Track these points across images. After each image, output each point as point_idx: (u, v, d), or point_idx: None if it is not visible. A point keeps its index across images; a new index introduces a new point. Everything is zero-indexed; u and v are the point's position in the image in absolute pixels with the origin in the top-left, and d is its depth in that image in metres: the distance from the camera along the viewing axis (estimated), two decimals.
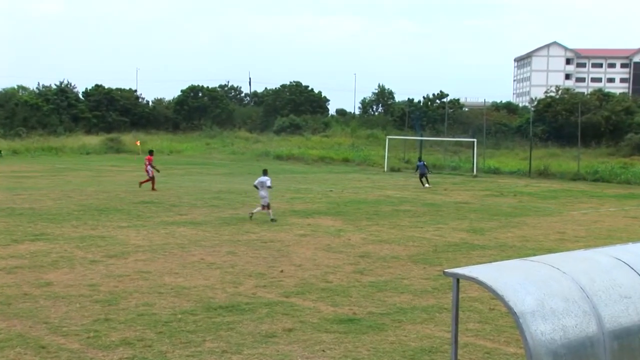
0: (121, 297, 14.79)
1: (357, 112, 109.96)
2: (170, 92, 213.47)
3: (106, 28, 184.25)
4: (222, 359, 11.23)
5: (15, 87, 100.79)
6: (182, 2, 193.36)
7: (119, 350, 11.45)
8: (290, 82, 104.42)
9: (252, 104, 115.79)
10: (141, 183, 36.82)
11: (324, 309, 14.22)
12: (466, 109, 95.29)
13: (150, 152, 40.79)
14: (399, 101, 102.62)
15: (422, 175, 41.93)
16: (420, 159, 45.35)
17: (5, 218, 25.32)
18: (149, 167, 37.18)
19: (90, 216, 26.19)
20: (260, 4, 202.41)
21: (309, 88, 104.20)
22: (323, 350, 11.72)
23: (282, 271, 17.57)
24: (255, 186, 26.65)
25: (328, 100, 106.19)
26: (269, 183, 26.49)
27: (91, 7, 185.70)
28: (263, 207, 26.13)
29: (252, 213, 26.13)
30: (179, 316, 13.42)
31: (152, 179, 36.69)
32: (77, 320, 13.06)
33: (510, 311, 6.63)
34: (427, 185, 41.22)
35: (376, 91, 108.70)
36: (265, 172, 27.22)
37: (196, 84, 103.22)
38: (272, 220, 25.59)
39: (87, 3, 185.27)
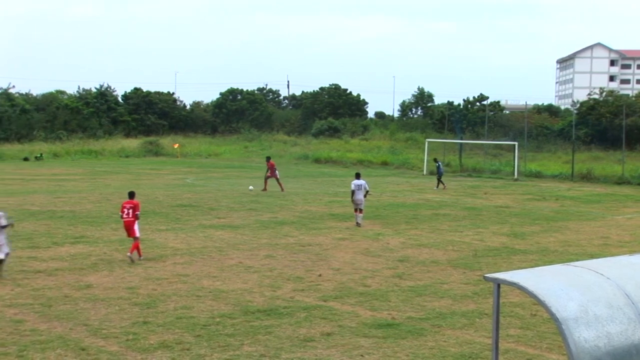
0: (160, 300, 14.91)
1: (396, 115, 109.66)
2: (208, 95, 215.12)
3: (145, 31, 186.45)
4: None
5: (54, 91, 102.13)
6: (221, 5, 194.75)
7: (158, 353, 11.54)
8: (329, 85, 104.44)
9: (290, 107, 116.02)
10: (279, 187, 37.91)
11: (363, 313, 14.20)
12: (507, 112, 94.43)
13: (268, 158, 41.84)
14: (438, 104, 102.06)
15: (440, 176, 42.60)
16: (436, 160, 45.71)
17: (47, 220, 25.69)
18: (276, 171, 38.75)
19: None
20: (299, 5, 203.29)
21: (348, 91, 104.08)
22: (362, 355, 11.70)
23: (320, 275, 17.58)
24: (353, 191, 26.31)
25: (367, 103, 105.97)
26: (367, 186, 26.44)
27: (129, 10, 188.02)
28: (360, 210, 25.98)
29: (358, 223, 25.82)
30: (217, 319, 13.49)
31: (276, 180, 38.24)
32: (116, 322, 13.20)
33: (553, 317, 6.55)
34: (440, 187, 41.69)
35: (415, 94, 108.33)
36: (358, 176, 27.02)
37: (235, 87, 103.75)
38: (357, 224, 25.53)
39: (125, 6, 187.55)
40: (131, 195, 20.33)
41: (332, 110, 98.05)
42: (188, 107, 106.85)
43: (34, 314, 13.74)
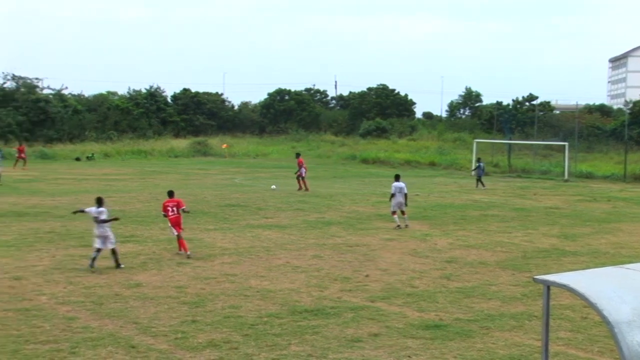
0: (208, 299, 15.04)
1: (444, 115, 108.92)
2: (256, 95, 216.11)
3: (194, 32, 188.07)
4: None
5: (105, 92, 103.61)
6: (269, 5, 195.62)
7: (206, 352, 11.64)
8: (377, 85, 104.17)
9: (338, 107, 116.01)
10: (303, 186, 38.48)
11: (410, 314, 14.14)
12: (557, 112, 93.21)
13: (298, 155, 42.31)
14: (487, 104, 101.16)
15: (480, 177, 42.47)
16: (479, 160, 45.36)
17: None
18: (302, 169, 39.19)
19: None
20: (346, 5, 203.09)
21: (395, 91, 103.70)
22: (409, 357, 11.66)
23: (367, 275, 17.55)
24: (393, 194, 26.06)
25: (414, 104, 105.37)
26: (406, 190, 26.34)
27: (179, 12, 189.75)
28: (397, 212, 25.86)
29: (407, 225, 25.58)
30: (265, 319, 13.55)
31: (301, 179, 38.84)
32: (165, 321, 13.34)
33: (605, 320, 6.44)
34: (480, 187, 41.60)
35: (463, 94, 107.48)
36: (398, 178, 26.77)
37: (283, 88, 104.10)
38: (398, 226, 25.43)
39: (173, 8, 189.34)
40: (171, 194, 20.99)
41: (380, 111, 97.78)
42: (236, 107, 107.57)
43: (86, 311, 13.96)
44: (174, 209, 20.19)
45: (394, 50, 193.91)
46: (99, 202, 18.94)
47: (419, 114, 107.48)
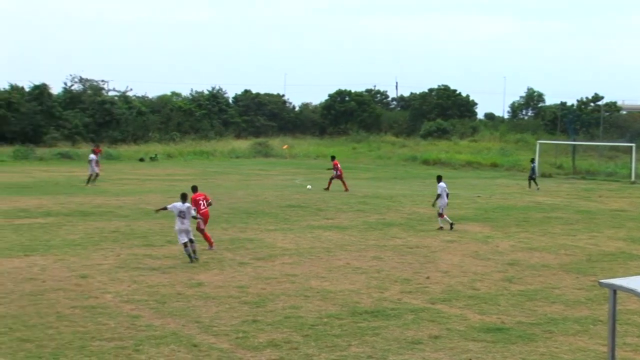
0: (269, 299, 15.13)
1: (506, 116, 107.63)
2: (317, 96, 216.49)
3: (254, 34, 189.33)
4: None
5: (170, 93, 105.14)
6: (330, 6, 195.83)
7: (267, 352, 11.72)
8: (438, 86, 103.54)
9: (398, 108, 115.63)
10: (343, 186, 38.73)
11: (471, 316, 14.01)
12: (624, 112, 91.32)
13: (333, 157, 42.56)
14: (550, 104, 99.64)
15: (532, 178, 42.09)
16: (533, 161, 44.78)
17: (161, 220, 26.42)
18: (336, 171, 39.60)
19: (239, 219, 26.96)
20: (408, 6, 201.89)
21: (457, 92, 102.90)
22: (470, 359, 11.55)
23: (428, 277, 17.46)
24: (439, 194, 25.75)
25: (476, 104, 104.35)
26: (447, 190, 26.18)
27: (239, 14, 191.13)
28: (441, 214, 25.67)
29: (452, 224, 25.35)
30: (325, 320, 13.58)
31: (339, 180, 39.19)
32: (226, 320, 13.48)
33: None
34: (534, 187, 41.20)
35: (525, 94, 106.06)
36: (440, 179, 26.48)
37: (343, 89, 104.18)
38: (440, 228, 25.28)
39: (235, 10, 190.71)
40: (195, 189, 21.70)
41: (441, 112, 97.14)
42: (297, 108, 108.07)
43: (149, 310, 14.18)
44: (204, 202, 20.93)
45: (455, 50, 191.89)
46: (184, 197, 19.62)
47: (480, 115, 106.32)
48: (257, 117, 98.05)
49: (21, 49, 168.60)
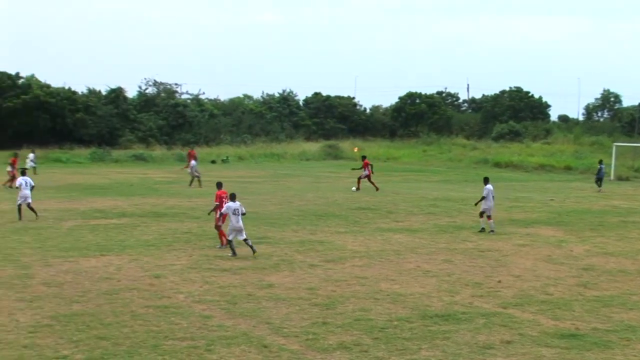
0: (338, 301, 15.14)
1: (581, 118, 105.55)
2: (387, 98, 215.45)
3: (325, 36, 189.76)
4: None
5: (241, 95, 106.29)
6: (399, 9, 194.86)
7: (337, 354, 11.73)
8: (510, 88, 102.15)
9: (469, 110, 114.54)
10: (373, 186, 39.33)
11: (545, 322, 13.76)
12: None
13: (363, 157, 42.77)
14: (627, 106, 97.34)
15: (599, 179, 41.81)
16: (601, 162, 44.12)
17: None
18: (365, 170, 40.09)
19: (309, 221, 27.05)
20: (480, 7, 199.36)
21: (530, 94, 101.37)
22: None
23: (499, 281, 17.22)
24: (484, 197, 25.42)
25: (549, 106, 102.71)
26: (494, 193, 25.82)
27: (309, 16, 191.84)
28: (489, 217, 25.34)
29: (483, 229, 25.04)
30: (395, 323, 13.52)
31: (365, 179, 39.68)
32: (296, 322, 13.53)
33: None
34: (597, 188, 41.03)
35: (601, 96, 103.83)
36: (487, 181, 26.16)
37: (414, 91, 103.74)
38: (488, 231, 24.97)
39: (305, 12, 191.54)
40: (219, 185, 22.54)
41: (513, 114, 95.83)
42: (367, 111, 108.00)
43: (221, 310, 14.34)
44: (227, 200, 21.31)
45: (528, 51, 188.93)
46: (233, 197, 20.47)
47: (553, 117, 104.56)
48: (327, 120, 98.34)
49: (98, 53, 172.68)
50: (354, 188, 39.10)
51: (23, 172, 29.10)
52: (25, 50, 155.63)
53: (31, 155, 50.41)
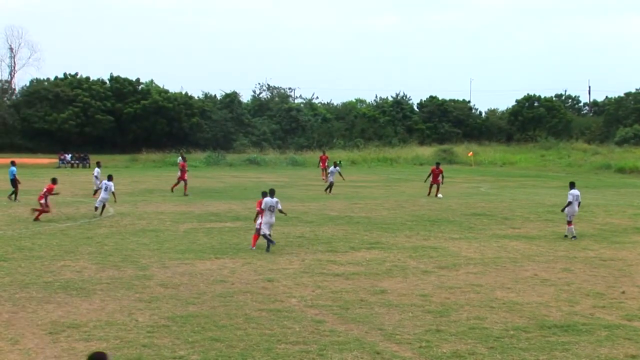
0: (452, 309, 14.97)
1: None
2: (503, 102, 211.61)
3: (438, 38, 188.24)
4: None
5: (354, 100, 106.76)
6: (515, 10, 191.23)
7: None
8: (636, 90, 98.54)
9: (591, 113, 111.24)
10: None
11: None
12: None
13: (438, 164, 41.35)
14: None
15: None
16: None
17: (344, 226, 26.87)
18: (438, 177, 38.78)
19: (422, 227, 26.88)
20: (598, 5, 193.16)
21: None
22: None
23: (623, 292, 16.63)
24: (570, 202, 24.77)
25: None
26: (580, 198, 24.96)
27: (424, 19, 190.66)
28: (569, 222, 24.66)
29: (574, 236, 24.34)
30: (511, 332, 13.25)
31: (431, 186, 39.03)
32: (409, 329, 13.45)
33: None
34: None
35: None
36: (573, 185, 25.44)
37: (531, 94, 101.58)
38: (570, 237, 24.17)
39: (421, 15, 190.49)
40: (272, 192, 22.82)
41: (639, 117, 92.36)
42: (483, 114, 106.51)
43: (333, 315, 14.42)
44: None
45: None
46: (272, 193, 22.15)
47: None
48: (442, 124, 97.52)
49: (213, 59, 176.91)
50: (440, 195, 38.28)
51: (110, 177, 30.16)
52: (145, 56, 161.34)
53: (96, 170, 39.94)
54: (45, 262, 19.29)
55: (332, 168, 43.43)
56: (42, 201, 27.98)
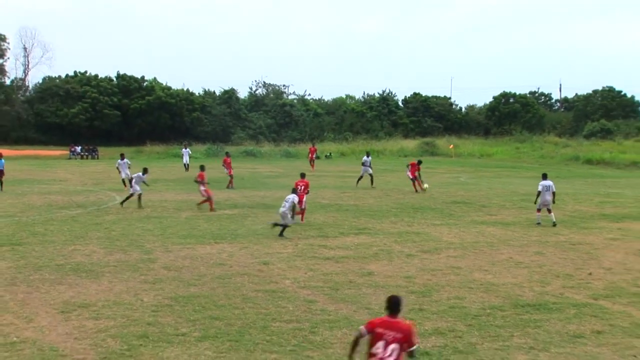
0: (434, 289, 15.01)
1: None
2: (481, 98, 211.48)
3: (422, 40, 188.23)
4: (529, 355, 10.96)
5: (344, 96, 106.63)
6: (493, 14, 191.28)
7: (432, 339, 11.64)
8: (603, 88, 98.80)
9: (562, 109, 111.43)
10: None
11: (636, 314, 13.28)
12: None
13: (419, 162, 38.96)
14: None
15: None
16: None
17: (334, 213, 26.89)
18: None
19: (406, 214, 26.91)
20: (570, 8, 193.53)
21: (622, 93, 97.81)
22: (634, 356, 10.97)
23: (590, 274, 16.71)
24: (539, 192, 24.74)
25: None
26: (554, 188, 24.99)
27: (409, 21, 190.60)
28: (549, 210, 24.69)
29: (554, 223, 24.24)
30: (488, 311, 13.31)
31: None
32: None
33: None
34: None
35: None
36: (545, 177, 25.33)
37: (507, 91, 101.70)
38: (539, 224, 24.27)
39: (406, 18, 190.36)
40: (303, 175, 25.93)
41: (605, 113, 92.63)
42: (463, 110, 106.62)
43: (324, 295, 14.44)
44: (302, 187, 24.70)
45: (620, 51, 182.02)
46: (295, 190, 23.41)
47: None
48: (425, 119, 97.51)
49: (212, 57, 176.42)
50: (426, 185, 37.27)
51: (145, 170, 29.94)
52: (149, 55, 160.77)
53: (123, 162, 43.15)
54: (57, 247, 19.26)
55: (365, 158, 40.66)
56: (202, 188, 28.29)
